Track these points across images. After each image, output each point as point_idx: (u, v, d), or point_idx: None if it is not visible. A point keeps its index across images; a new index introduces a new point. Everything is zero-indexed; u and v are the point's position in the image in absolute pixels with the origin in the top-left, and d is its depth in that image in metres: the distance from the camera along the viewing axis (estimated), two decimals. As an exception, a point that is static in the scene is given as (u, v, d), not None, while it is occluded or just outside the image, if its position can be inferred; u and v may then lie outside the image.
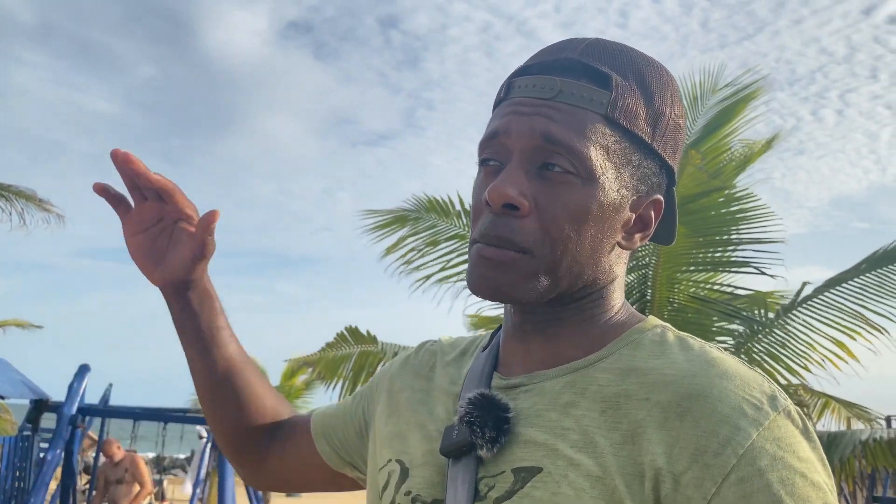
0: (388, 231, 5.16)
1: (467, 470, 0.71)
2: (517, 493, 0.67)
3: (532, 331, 0.77)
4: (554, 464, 0.67)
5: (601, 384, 0.70)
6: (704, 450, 0.62)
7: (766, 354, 4.06)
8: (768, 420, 0.63)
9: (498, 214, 0.72)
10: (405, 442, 0.83)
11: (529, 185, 0.71)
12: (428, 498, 0.75)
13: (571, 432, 0.68)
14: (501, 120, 0.74)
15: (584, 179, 0.71)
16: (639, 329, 0.75)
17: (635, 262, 4.07)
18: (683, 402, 0.64)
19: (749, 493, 0.60)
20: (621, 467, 0.64)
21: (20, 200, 9.98)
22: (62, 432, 6.73)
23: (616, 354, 0.73)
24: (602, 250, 0.75)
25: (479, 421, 0.71)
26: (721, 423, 0.62)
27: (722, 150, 4.37)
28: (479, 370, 0.80)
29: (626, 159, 0.74)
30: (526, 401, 0.73)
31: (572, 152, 0.70)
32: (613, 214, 0.74)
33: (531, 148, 0.72)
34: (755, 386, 0.66)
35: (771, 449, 0.62)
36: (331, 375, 5.10)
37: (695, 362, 0.68)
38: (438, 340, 0.95)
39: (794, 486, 0.61)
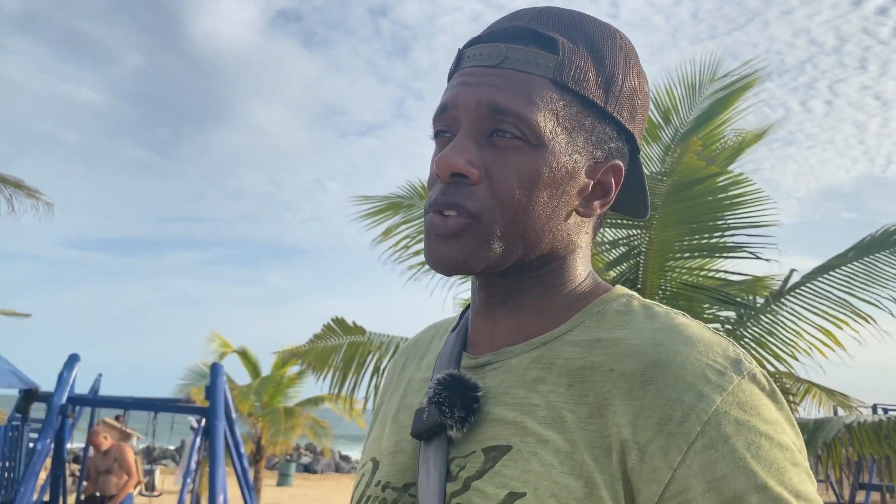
0: (381, 218, 5.14)
1: (438, 451, 0.71)
2: (488, 472, 0.67)
3: (496, 304, 0.77)
4: (523, 441, 0.67)
5: (567, 357, 0.70)
6: (669, 418, 0.61)
7: (753, 342, 4.09)
8: (732, 385, 0.63)
9: (448, 184, 0.72)
10: (380, 439, 0.83)
11: (479, 154, 0.71)
12: (399, 483, 0.75)
13: (539, 409, 0.68)
14: (450, 92, 0.74)
15: (534, 145, 0.71)
16: (604, 299, 0.75)
17: (628, 250, 4.10)
18: (647, 371, 0.64)
19: (715, 459, 0.60)
20: (589, 441, 0.64)
21: (8, 188, 9.92)
22: (52, 422, 6.72)
23: (581, 326, 0.72)
24: (557, 217, 0.73)
25: (447, 401, 0.71)
26: (684, 391, 0.62)
27: (716, 139, 4.40)
28: (449, 352, 0.80)
29: (577, 124, 0.73)
30: (494, 379, 0.73)
31: (519, 118, 0.70)
32: (567, 180, 0.73)
33: (479, 118, 0.71)
34: (719, 351, 0.65)
35: (735, 413, 0.61)
36: (321, 366, 5.10)
37: (659, 331, 0.67)
38: (408, 343, 0.96)
39: (759, 449, 0.60)
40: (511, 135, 0.71)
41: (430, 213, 0.74)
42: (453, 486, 0.68)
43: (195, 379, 13.37)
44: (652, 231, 3.90)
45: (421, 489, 0.70)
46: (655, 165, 4.43)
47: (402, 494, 0.74)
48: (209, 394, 7.10)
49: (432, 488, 0.69)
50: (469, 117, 0.72)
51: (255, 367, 14.70)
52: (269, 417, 13.22)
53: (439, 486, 0.68)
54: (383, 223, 5.13)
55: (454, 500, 0.67)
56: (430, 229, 0.73)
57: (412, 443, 0.76)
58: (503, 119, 0.71)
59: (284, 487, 17.71)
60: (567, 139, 0.72)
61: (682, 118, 4.59)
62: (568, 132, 0.72)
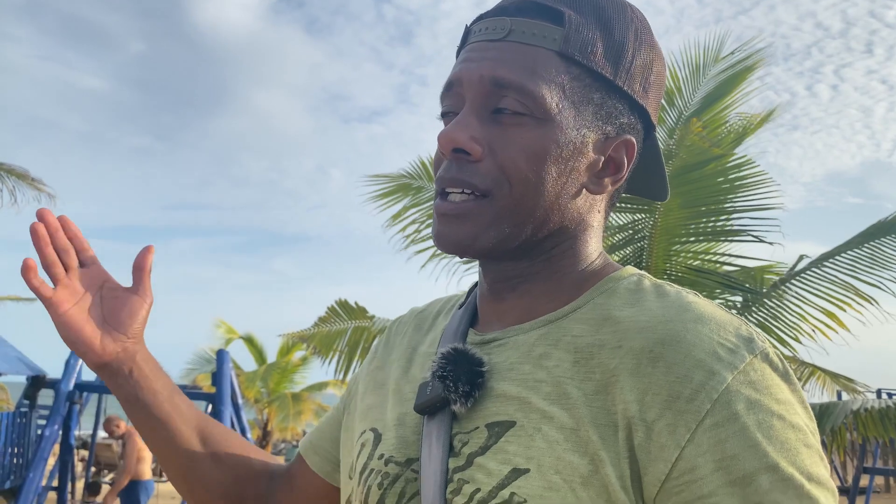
0: (391, 200, 5.11)
1: (442, 426, 0.70)
2: (491, 447, 0.66)
3: (505, 290, 0.76)
4: (527, 417, 0.65)
5: (575, 335, 0.68)
6: (678, 396, 0.59)
7: (759, 326, 4.09)
8: (744, 363, 0.61)
9: (452, 161, 0.71)
10: (381, 410, 0.81)
11: (483, 131, 0.70)
12: (402, 458, 0.74)
13: (544, 384, 0.66)
14: (455, 69, 0.73)
15: (539, 119, 0.69)
16: (614, 277, 0.73)
17: (632, 234, 4.09)
18: (656, 347, 0.62)
19: (724, 437, 0.58)
20: (594, 418, 0.62)
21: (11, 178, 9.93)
22: (59, 408, 6.76)
23: (591, 304, 0.71)
24: (566, 194, 0.71)
25: (452, 375, 0.70)
26: (695, 368, 0.60)
27: (720, 122, 4.36)
28: (455, 327, 0.79)
29: (585, 97, 0.71)
30: (500, 355, 0.72)
31: (523, 92, 0.68)
32: (575, 155, 0.71)
33: (482, 93, 0.70)
34: (731, 329, 0.63)
35: (747, 392, 0.59)
36: (326, 350, 5.10)
37: (669, 308, 0.66)
38: (413, 309, 0.94)
39: (771, 429, 0.58)
40: (514, 111, 0.69)
41: (437, 199, 0.73)
42: (456, 461, 0.67)
43: (201, 364, 13.45)
44: (656, 215, 3.89)
45: (423, 465, 0.69)
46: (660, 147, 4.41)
47: (404, 469, 0.73)
48: (215, 380, 7.13)
49: (434, 464, 0.68)
50: (472, 93, 0.71)
51: (260, 353, 14.76)
52: (276, 403, 13.29)
53: (442, 461, 0.67)
54: (393, 205, 5.10)
55: (456, 475, 0.66)
56: (437, 210, 0.72)
57: (415, 417, 0.75)
58: (507, 93, 0.69)
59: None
60: (574, 113, 0.70)
61: (686, 100, 4.55)
62: (575, 106, 0.70)
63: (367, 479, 0.76)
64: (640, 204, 3.96)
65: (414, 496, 0.71)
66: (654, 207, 3.87)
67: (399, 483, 0.72)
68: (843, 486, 11.47)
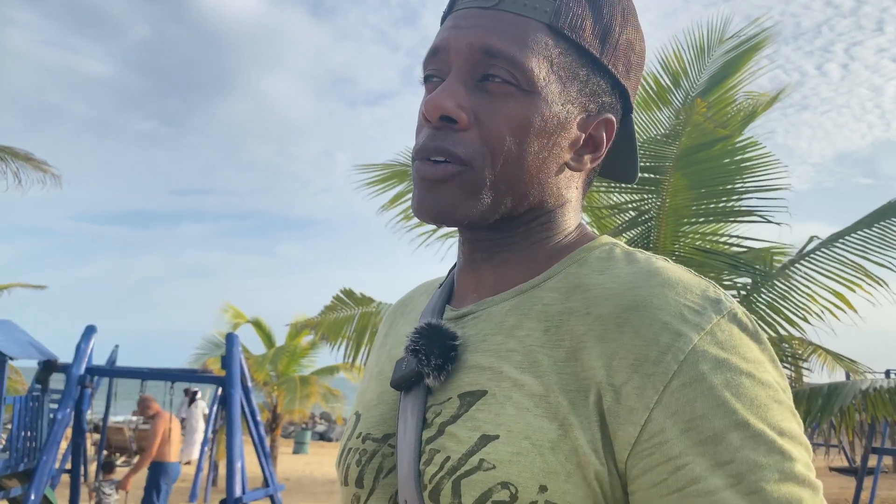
0: (386, 186, 5.12)
1: (417, 400, 0.70)
2: (461, 416, 0.66)
3: (482, 259, 0.76)
4: (498, 386, 0.66)
5: (546, 303, 0.69)
6: (644, 359, 0.60)
7: (767, 307, 4.08)
8: (710, 324, 0.61)
9: (436, 128, 0.70)
10: (365, 392, 0.83)
11: (469, 99, 0.69)
12: (379, 434, 0.75)
13: (515, 353, 0.67)
14: (442, 35, 0.72)
15: (526, 91, 0.68)
16: (587, 247, 0.73)
17: (638, 215, 4.07)
18: (623, 313, 0.62)
19: (692, 398, 0.58)
20: (564, 384, 0.62)
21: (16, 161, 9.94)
22: (71, 392, 6.82)
23: (562, 273, 0.71)
24: (548, 169, 0.72)
25: (425, 349, 0.70)
26: (661, 331, 0.60)
27: (727, 102, 4.33)
28: (432, 305, 0.80)
29: (572, 73, 0.71)
30: (473, 328, 0.72)
31: (512, 63, 0.68)
32: (559, 130, 0.71)
33: (470, 61, 0.69)
34: (697, 292, 0.63)
35: (714, 352, 0.59)
36: (334, 337, 5.14)
37: (638, 274, 0.66)
38: (397, 302, 0.95)
39: (740, 387, 0.58)
40: (503, 80, 0.68)
41: (416, 161, 0.72)
42: (428, 432, 0.68)
43: (211, 349, 13.53)
44: (664, 196, 3.87)
45: (399, 438, 0.70)
46: (665, 129, 4.39)
47: (381, 445, 0.74)
48: (225, 363, 7.17)
49: (409, 436, 0.68)
50: (460, 60, 0.70)
51: (269, 336, 14.83)
52: (284, 386, 13.38)
53: (416, 434, 0.68)
54: (388, 191, 5.10)
55: (428, 446, 0.67)
56: (417, 176, 0.72)
57: (393, 394, 0.76)
58: (495, 63, 0.68)
59: (300, 455, 17.96)
60: (560, 88, 0.70)
61: (692, 81, 4.52)
62: (562, 81, 0.70)
63: (345, 458, 0.77)
64: (648, 185, 3.95)
65: (391, 470, 0.71)
66: (660, 188, 3.85)
67: (376, 458, 0.73)
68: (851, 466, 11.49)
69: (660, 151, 3.80)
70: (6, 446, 6.70)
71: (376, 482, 0.72)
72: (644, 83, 4.55)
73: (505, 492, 0.61)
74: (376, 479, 0.72)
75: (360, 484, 0.74)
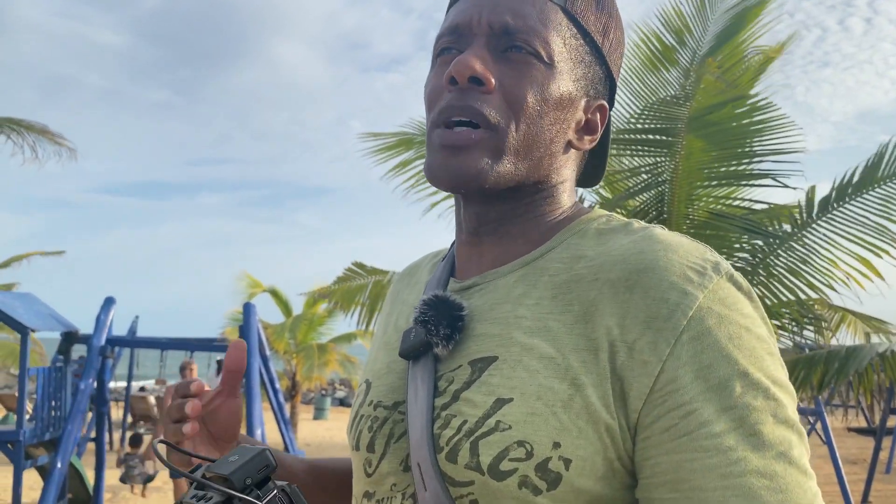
0: (394, 153, 5.08)
1: (426, 369, 0.73)
2: (475, 382, 0.69)
3: (485, 232, 0.79)
4: (508, 350, 0.69)
5: (552, 274, 0.73)
6: (655, 315, 0.64)
7: (787, 270, 4.02)
8: (712, 283, 0.66)
9: (463, 89, 0.72)
10: (374, 361, 0.86)
11: (494, 66, 0.73)
12: (389, 402, 0.78)
13: (525, 320, 0.70)
14: (463, 11, 0.76)
15: (546, 63, 0.73)
16: (585, 219, 0.78)
17: (651, 179, 4.01)
18: (632, 276, 0.67)
19: (700, 349, 0.63)
20: (575, 345, 0.66)
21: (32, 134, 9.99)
22: (93, 362, 6.94)
23: (564, 244, 0.75)
24: (557, 143, 0.76)
25: (433, 320, 0.74)
26: (669, 290, 0.65)
27: (737, 59, 4.20)
28: (437, 277, 0.84)
29: (579, 56, 0.76)
30: (480, 298, 0.76)
31: (536, 35, 0.73)
32: (569, 106, 0.76)
33: (494, 32, 0.73)
34: (698, 255, 0.69)
35: (717, 308, 0.65)
36: (348, 305, 5.22)
37: (640, 241, 0.70)
38: (404, 269, 0.99)
39: (740, 339, 0.64)
40: (525, 51, 0.73)
41: (438, 128, 0.74)
42: (442, 399, 0.71)
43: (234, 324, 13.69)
44: (677, 158, 3.81)
45: (409, 405, 0.73)
46: (675, 90, 4.29)
47: (391, 412, 0.77)
48: (243, 333, 7.24)
49: (420, 404, 0.72)
50: (482, 33, 0.74)
51: (286, 305, 14.96)
52: (302, 354, 13.54)
53: (427, 401, 0.71)
54: (396, 158, 5.06)
55: (444, 412, 0.70)
56: (439, 143, 0.74)
57: (402, 363, 0.78)
58: (517, 36, 0.73)
59: (320, 421, 18.22)
60: (571, 67, 0.75)
61: (697, 38, 4.39)
62: (572, 61, 0.76)
63: (357, 424, 0.80)
64: (660, 147, 3.88)
65: (402, 436, 0.75)
66: (674, 150, 3.79)
67: (387, 425, 0.77)
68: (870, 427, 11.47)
69: (671, 113, 3.72)
70: (32, 415, 6.83)
71: (387, 447, 0.76)
72: (648, 43, 4.44)
73: (521, 449, 0.65)
74: (387, 444, 0.76)
75: (371, 449, 0.77)
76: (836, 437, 8.17)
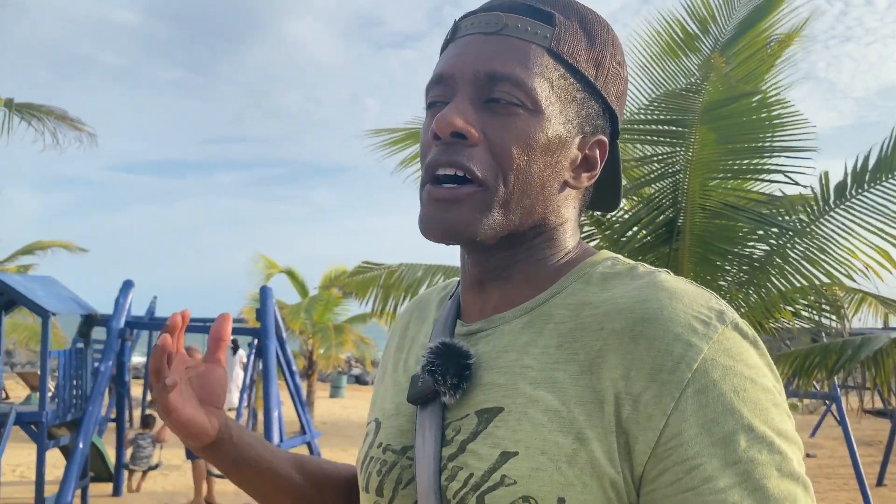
0: (402, 147, 5.08)
1: (434, 415, 0.74)
2: (481, 433, 0.70)
3: (488, 278, 0.79)
4: (514, 402, 0.69)
5: (557, 322, 0.72)
6: (660, 368, 0.64)
7: (802, 258, 3.98)
8: (717, 333, 0.66)
9: (447, 144, 0.72)
10: (383, 400, 0.87)
11: (477, 118, 0.72)
12: (398, 446, 0.79)
13: (530, 370, 0.70)
14: (448, 62, 0.75)
15: (531, 111, 0.72)
16: (589, 263, 0.77)
17: (664, 169, 3.98)
18: (636, 326, 0.66)
19: (705, 402, 0.63)
20: (580, 397, 0.66)
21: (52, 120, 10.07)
22: (112, 345, 7.05)
23: (569, 289, 0.75)
24: (551, 186, 0.75)
25: (440, 369, 0.74)
26: (674, 342, 0.65)
27: (760, 46, 4.14)
28: (444, 319, 0.84)
29: (570, 95, 0.75)
30: (486, 345, 0.76)
31: (518, 84, 0.71)
32: (560, 149, 0.75)
33: (476, 85, 0.73)
34: (703, 303, 0.68)
35: (722, 360, 0.64)
36: (363, 293, 5.30)
37: (644, 288, 0.70)
38: (414, 301, 0.99)
39: (745, 392, 0.64)
40: (508, 101, 0.72)
41: (427, 184, 0.75)
42: (449, 449, 0.72)
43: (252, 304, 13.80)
44: (691, 149, 3.77)
45: (417, 452, 0.74)
46: (696, 77, 4.23)
47: (400, 457, 0.78)
48: (260, 316, 7.31)
49: (427, 451, 0.72)
50: (466, 84, 0.73)
51: (302, 286, 15.05)
52: (319, 335, 13.65)
53: (434, 449, 0.72)
54: (404, 151, 5.07)
55: (451, 463, 0.70)
56: (429, 198, 0.74)
57: (410, 406, 0.79)
58: (500, 85, 0.72)
59: (336, 399, 18.40)
60: (560, 108, 0.74)
61: (721, 27, 4.33)
62: (561, 102, 0.74)
63: (367, 466, 0.81)
64: (674, 137, 3.85)
65: (410, 482, 0.75)
66: (688, 141, 3.75)
67: (396, 470, 0.78)
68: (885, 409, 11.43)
69: (684, 105, 3.68)
70: (54, 395, 6.97)
71: (395, 492, 0.76)
72: (669, 30, 4.39)
73: None
74: (395, 490, 0.76)
75: (380, 493, 0.78)
76: (851, 418, 8.14)
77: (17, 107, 10.05)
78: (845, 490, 8.95)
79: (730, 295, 4.13)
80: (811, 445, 12.22)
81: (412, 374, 0.80)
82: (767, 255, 4.01)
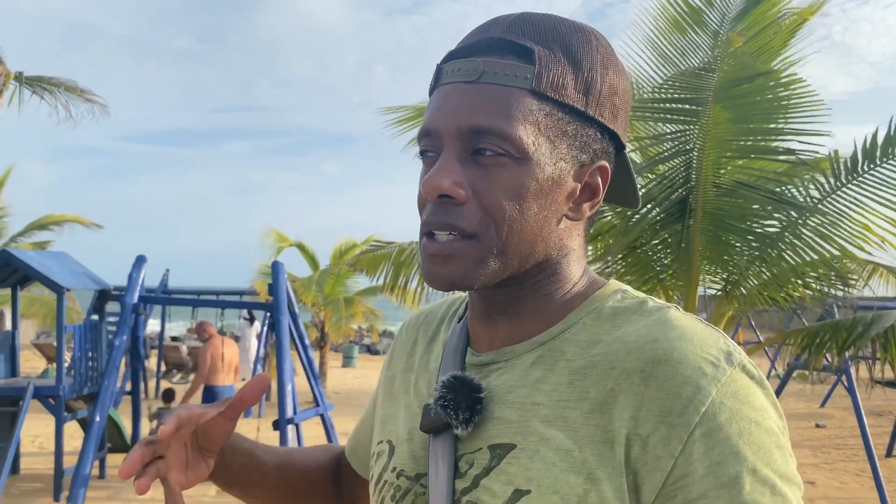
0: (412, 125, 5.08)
1: (446, 446, 0.76)
2: (494, 469, 0.71)
3: (495, 313, 0.80)
4: (526, 439, 0.71)
5: (568, 358, 0.73)
6: (669, 411, 0.66)
7: (816, 234, 3.96)
8: (725, 376, 0.67)
9: (437, 205, 0.73)
10: (394, 422, 0.87)
11: (465, 173, 0.72)
12: (411, 472, 0.80)
13: (542, 407, 0.72)
14: (432, 115, 0.75)
15: (518, 159, 0.72)
16: (599, 296, 0.78)
17: (678, 147, 3.95)
18: (647, 367, 0.68)
19: (712, 446, 0.65)
20: (591, 437, 0.68)
21: (63, 93, 10.07)
22: (126, 320, 7.11)
23: (580, 324, 0.76)
24: (548, 226, 0.75)
25: (452, 404, 0.75)
26: (683, 384, 0.66)
27: (768, 22, 4.05)
28: (454, 346, 0.84)
29: (560, 131, 0.74)
30: (497, 379, 0.77)
31: (501, 136, 0.71)
32: (554, 188, 0.74)
33: (462, 138, 0.73)
34: (712, 344, 0.70)
35: (729, 403, 0.66)
36: (373, 270, 5.31)
37: (654, 327, 0.71)
38: (420, 314, 0.99)
39: (750, 435, 0.66)
40: (493, 152, 0.72)
41: (423, 238, 0.76)
42: (462, 482, 0.73)
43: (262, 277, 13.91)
44: (705, 128, 3.73)
45: (431, 482, 0.75)
46: (704, 53, 4.17)
47: (414, 483, 0.79)
48: (272, 290, 7.36)
49: (441, 483, 0.74)
50: (451, 140, 0.73)
51: (312, 258, 15.11)
52: (330, 307, 13.77)
53: (447, 480, 0.74)
54: (414, 129, 5.06)
55: (465, 497, 0.72)
56: (425, 252, 0.75)
57: (423, 434, 0.80)
58: (485, 138, 0.72)
59: (349, 369, 18.60)
60: (551, 148, 0.73)
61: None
62: (551, 141, 0.73)
63: (381, 489, 0.83)
64: (687, 115, 3.81)
65: None
66: (702, 120, 3.71)
67: (409, 496, 0.80)
68: (896, 379, 11.43)
69: (698, 83, 3.63)
70: (70, 367, 7.07)
71: None
72: (673, 4, 4.30)
73: None
74: None
75: None
76: (862, 389, 8.14)
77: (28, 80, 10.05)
78: (854, 461, 9.00)
79: (740, 271, 4.12)
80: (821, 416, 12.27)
81: (424, 401, 0.82)
82: (779, 232, 3.99)
